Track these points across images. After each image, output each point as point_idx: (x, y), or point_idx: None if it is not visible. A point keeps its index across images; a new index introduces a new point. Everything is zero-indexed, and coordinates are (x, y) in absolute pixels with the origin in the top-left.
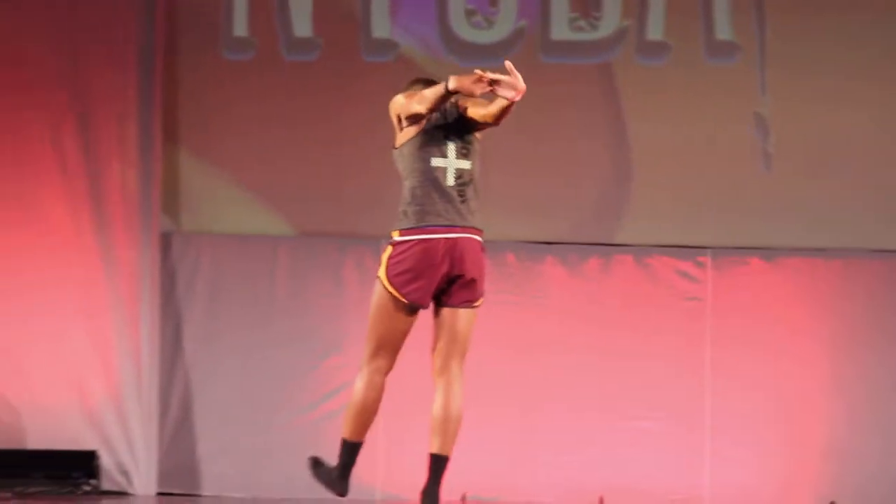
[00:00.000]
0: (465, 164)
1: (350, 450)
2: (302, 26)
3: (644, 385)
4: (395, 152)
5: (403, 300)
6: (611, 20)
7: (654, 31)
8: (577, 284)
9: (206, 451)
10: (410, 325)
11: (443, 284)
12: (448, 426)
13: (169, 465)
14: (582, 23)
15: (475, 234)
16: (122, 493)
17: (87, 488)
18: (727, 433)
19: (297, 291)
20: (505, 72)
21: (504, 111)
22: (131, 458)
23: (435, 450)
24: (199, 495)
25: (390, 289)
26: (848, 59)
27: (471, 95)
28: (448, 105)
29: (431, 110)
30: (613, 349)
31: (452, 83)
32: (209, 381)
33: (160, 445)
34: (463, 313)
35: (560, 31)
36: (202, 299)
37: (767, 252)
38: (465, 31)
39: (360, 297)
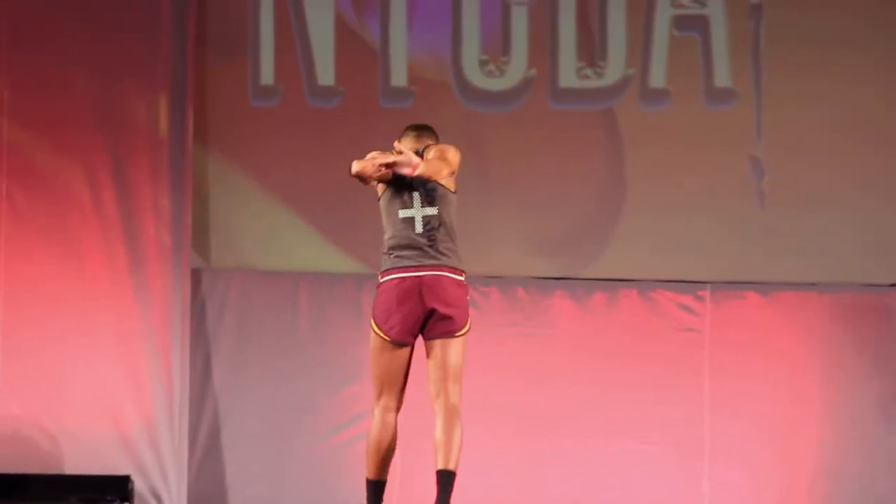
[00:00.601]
0: (432, 211)
1: (373, 488)
2: (325, 75)
3: (646, 413)
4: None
5: (386, 338)
6: (615, 69)
7: (657, 79)
8: (584, 317)
9: (234, 475)
10: (403, 361)
11: (422, 320)
12: (450, 444)
13: (198, 490)
14: (588, 71)
15: (445, 271)
16: None
17: None
18: (724, 458)
19: (318, 323)
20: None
21: (422, 178)
22: (163, 483)
23: (440, 466)
24: None
25: (375, 328)
26: (842, 101)
27: (370, 178)
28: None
29: (361, 180)
30: (618, 379)
31: (354, 168)
32: (237, 409)
33: (190, 471)
34: (446, 343)
35: (568, 79)
36: (230, 331)
37: (763, 287)
38: (478, 79)
39: None
